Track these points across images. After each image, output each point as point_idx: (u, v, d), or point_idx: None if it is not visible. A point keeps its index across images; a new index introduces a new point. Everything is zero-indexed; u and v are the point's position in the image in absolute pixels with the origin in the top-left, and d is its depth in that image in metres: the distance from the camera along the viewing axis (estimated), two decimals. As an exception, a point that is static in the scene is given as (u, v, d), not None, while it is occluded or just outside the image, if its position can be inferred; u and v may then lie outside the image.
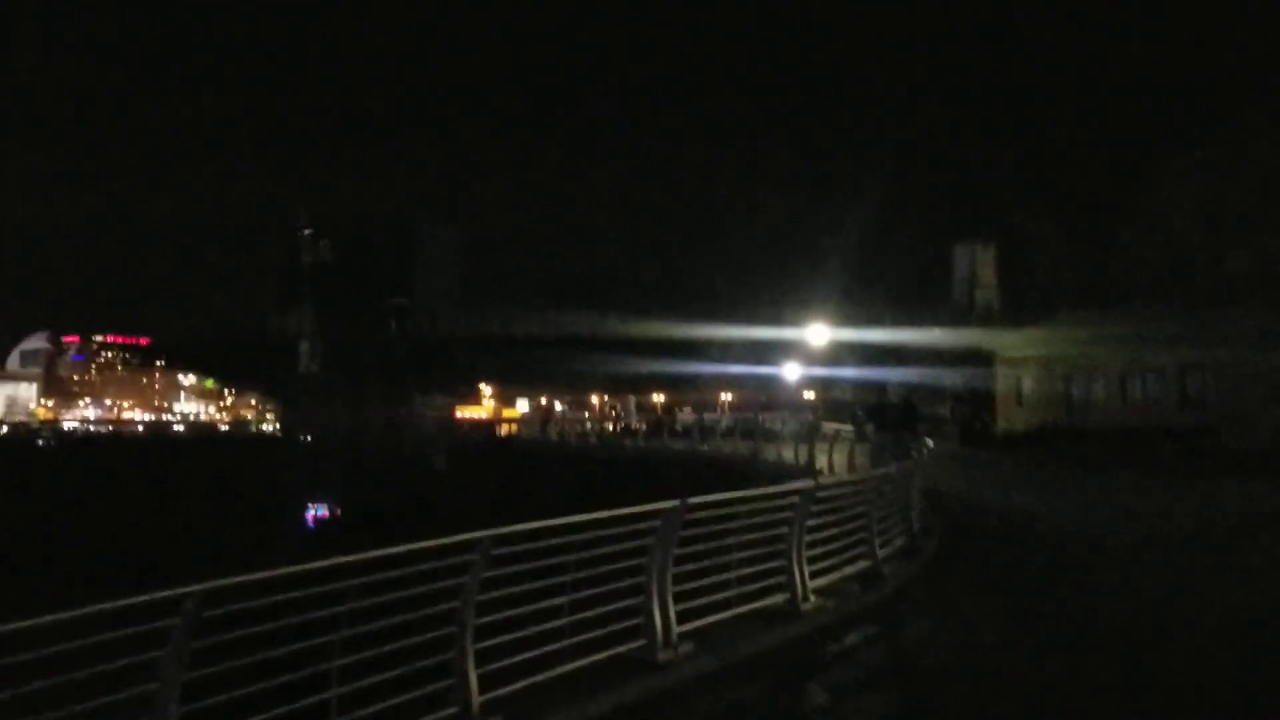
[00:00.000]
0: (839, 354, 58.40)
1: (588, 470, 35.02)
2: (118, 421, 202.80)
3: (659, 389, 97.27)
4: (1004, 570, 12.84)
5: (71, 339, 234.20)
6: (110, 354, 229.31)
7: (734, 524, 8.72)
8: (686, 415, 53.21)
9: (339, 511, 55.76)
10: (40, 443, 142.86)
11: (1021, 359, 46.17)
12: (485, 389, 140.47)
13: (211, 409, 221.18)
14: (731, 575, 8.65)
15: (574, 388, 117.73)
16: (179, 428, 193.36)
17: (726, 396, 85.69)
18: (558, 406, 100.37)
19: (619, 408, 75.53)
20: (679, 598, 7.97)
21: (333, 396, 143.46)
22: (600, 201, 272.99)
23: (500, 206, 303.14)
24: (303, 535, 49.12)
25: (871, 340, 62.06)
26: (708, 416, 46.43)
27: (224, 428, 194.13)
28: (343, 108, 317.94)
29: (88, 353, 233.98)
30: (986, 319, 78.36)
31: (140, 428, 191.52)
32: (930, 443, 18.36)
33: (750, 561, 8.98)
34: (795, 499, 9.44)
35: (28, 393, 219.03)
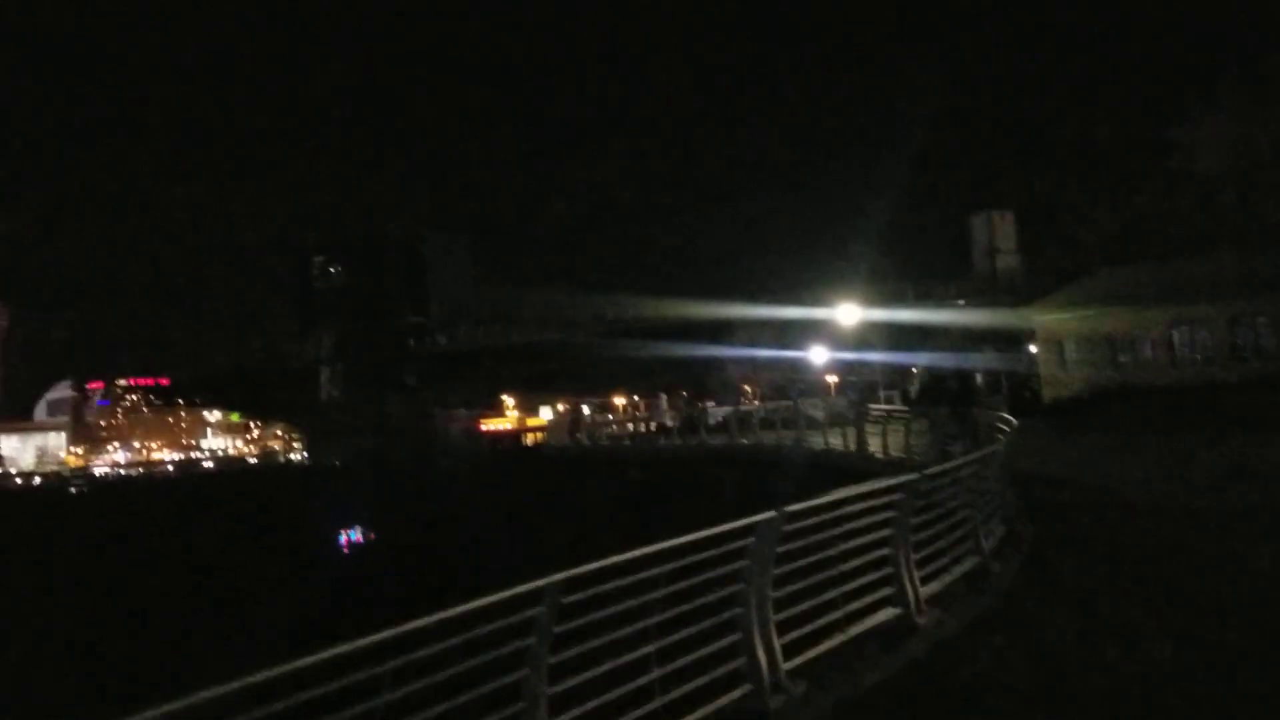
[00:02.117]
0: (865, 335, 56.85)
1: (625, 475, 33.73)
2: (148, 463, 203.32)
3: (682, 380, 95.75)
4: (1117, 553, 11.39)
5: (96, 385, 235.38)
6: (135, 396, 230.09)
7: (835, 531, 7.36)
8: (717, 408, 51.79)
9: (373, 535, 54.98)
10: (73, 490, 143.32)
11: (1060, 322, 44.49)
12: (508, 399, 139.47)
13: (239, 442, 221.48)
14: (836, 592, 7.29)
15: (596, 390, 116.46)
16: (208, 464, 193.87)
17: (748, 388, 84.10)
18: (585, 410, 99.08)
19: (649, 406, 74.13)
20: (781, 627, 6.64)
21: (357, 420, 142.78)
22: (615, 189, 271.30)
23: (512, 206, 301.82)
24: (339, 561, 48.47)
25: (899, 319, 60.42)
26: (743, 408, 44.97)
27: (252, 460, 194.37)
28: (342, 126, 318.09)
29: (112, 397, 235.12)
30: (1011, 286, 76.64)
31: (170, 467, 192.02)
32: (1012, 420, 16.81)
33: (853, 574, 7.62)
34: (898, 495, 8.07)
35: (57, 442, 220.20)
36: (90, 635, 28.20)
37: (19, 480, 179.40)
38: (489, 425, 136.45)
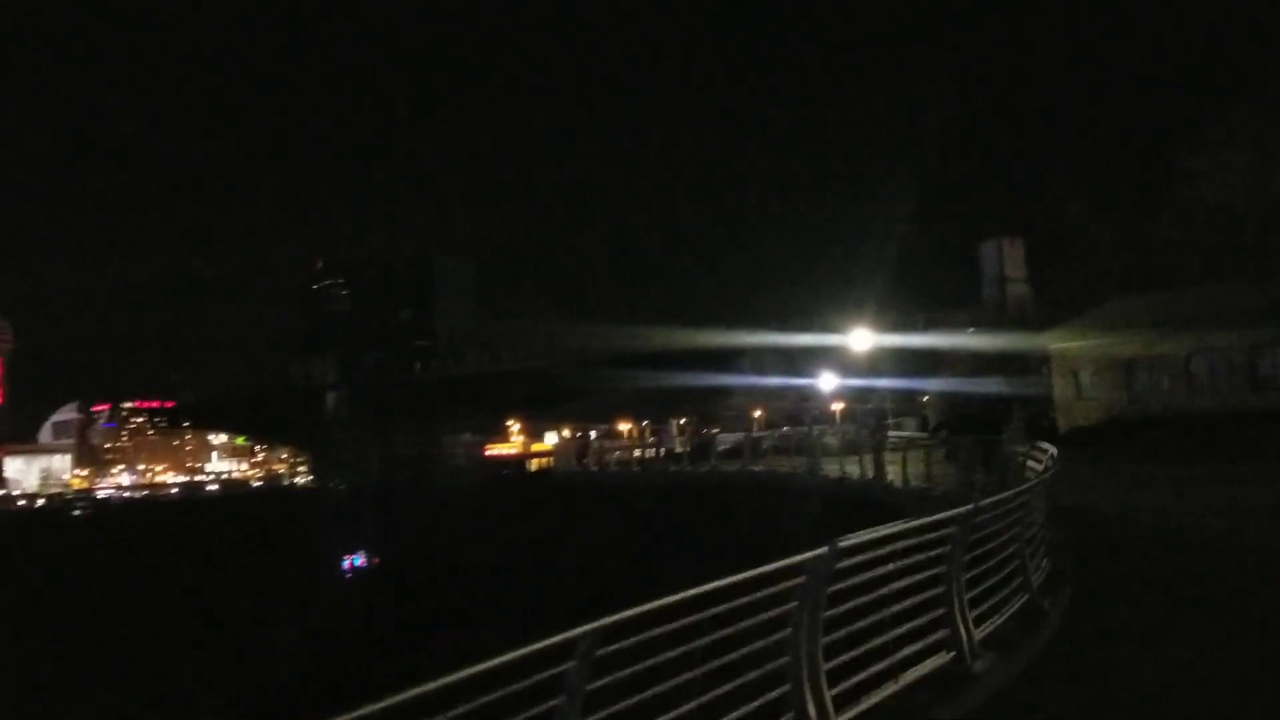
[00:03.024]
0: (874, 362, 56.09)
1: (636, 503, 32.93)
2: (152, 485, 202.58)
3: (689, 407, 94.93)
4: (1174, 591, 10.65)
5: (101, 407, 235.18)
6: (139, 419, 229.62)
7: (886, 568, 6.67)
8: (728, 435, 51.01)
9: (376, 560, 54.25)
10: (76, 512, 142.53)
11: (1076, 350, 43.74)
12: (512, 425, 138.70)
13: (244, 466, 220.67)
14: (888, 636, 6.60)
15: (601, 417, 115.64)
16: (213, 487, 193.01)
17: (758, 413, 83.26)
18: (592, 436, 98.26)
19: (658, 433, 73.38)
20: (830, 676, 5.95)
21: (362, 444, 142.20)
22: (620, 216, 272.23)
23: (516, 232, 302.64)
24: (342, 586, 47.84)
25: (909, 346, 59.70)
26: (756, 434, 44.20)
27: (257, 484, 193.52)
28: (350, 152, 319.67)
29: (117, 419, 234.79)
30: (1022, 314, 75.92)
31: (175, 490, 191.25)
32: (1051, 448, 16.09)
33: (904, 615, 6.93)
34: (952, 528, 7.38)
35: (62, 464, 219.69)
36: (77, 662, 27.51)
37: (22, 502, 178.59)
38: (494, 450, 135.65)
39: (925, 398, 62.88)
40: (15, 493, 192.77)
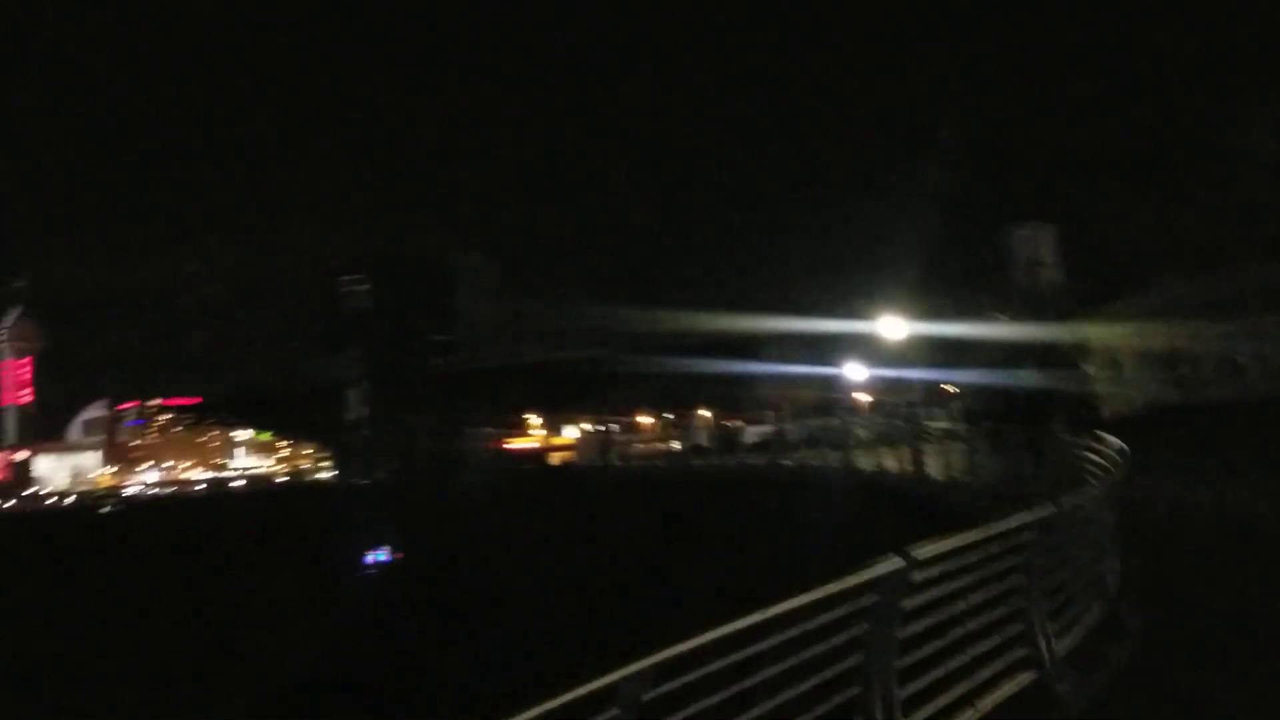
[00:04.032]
0: (904, 350, 54.85)
1: (661, 499, 32.15)
2: (179, 482, 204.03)
3: (710, 397, 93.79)
4: (1264, 596, 9.74)
5: (128, 405, 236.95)
6: (166, 416, 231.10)
7: (963, 581, 5.86)
8: (754, 427, 50.15)
9: (400, 555, 54.01)
10: (105, 510, 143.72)
11: (1115, 336, 42.56)
12: (533, 418, 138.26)
13: (269, 461, 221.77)
14: (966, 656, 5.79)
15: (621, 408, 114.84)
16: (239, 483, 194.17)
17: (781, 403, 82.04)
18: (615, 429, 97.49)
19: (682, 425, 72.58)
20: (905, 705, 5.16)
21: (384, 439, 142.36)
22: (644, 201, 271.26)
23: (538, 220, 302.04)
24: (365, 581, 47.73)
25: (941, 334, 58.37)
26: (785, 427, 43.29)
27: (282, 479, 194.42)
28: (373, 145, 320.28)
29: (144, 417, 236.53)
30: (1054, 301, 74.47)
31: (202, 486, 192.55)
32: (1116, 441, 15.14)
33: (977, 633, 6.11)
34: (1032, 532, 6.55)
35: (92, 461, 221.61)
36: (97, 654, 27.24)
37: (51, 500, 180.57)
38: (513, 444, 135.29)
39: (952, 388, 61.66)
40: (44, 490, 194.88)
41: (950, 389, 62.05)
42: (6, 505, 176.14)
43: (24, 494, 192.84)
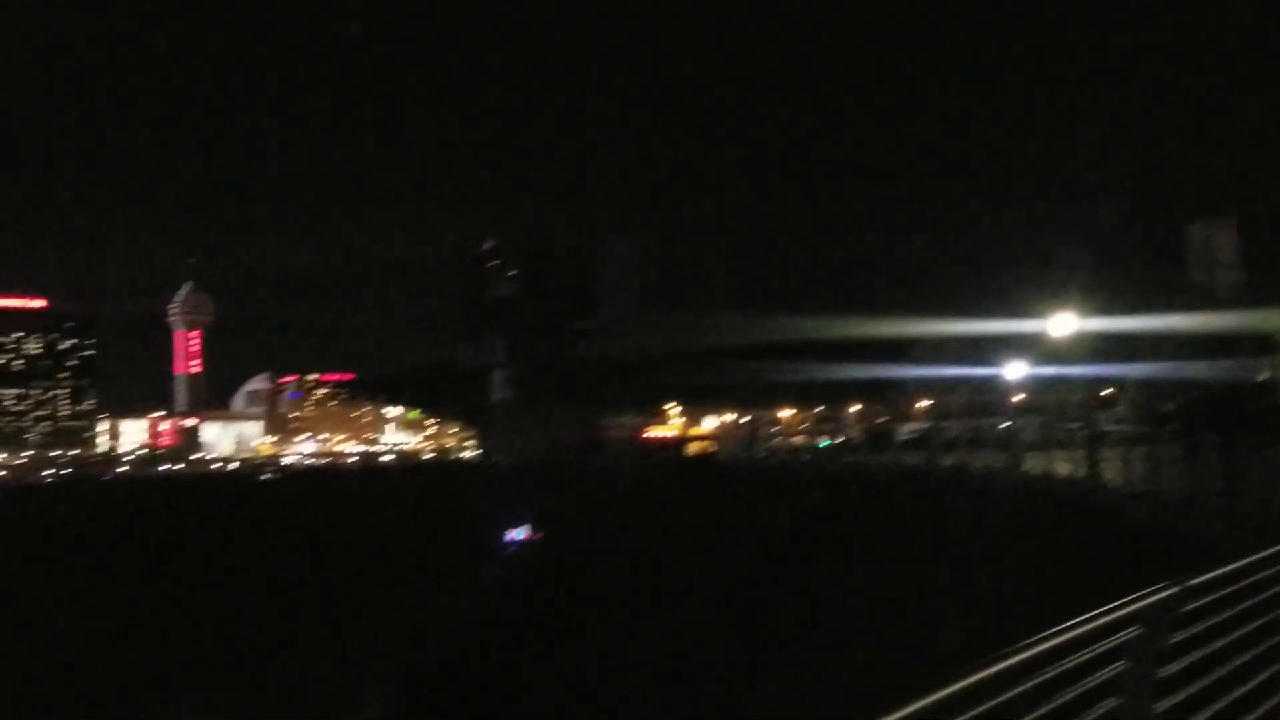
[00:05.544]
0: (1071, 349, 51.61)
1: (807, 496, 31.05)
2: (333, 454, 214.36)
3: (860, 395, 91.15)
4: None
5: (289, 378, 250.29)
6: (323, 391, 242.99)
7: (1231, 612, 4.83)
8: (908, 425, 48.14)
9: (539, 535, 54.55)
10: (264, 477, 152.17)
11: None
12: (672, 407, 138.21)
13: (416, 438, 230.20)
14: (1229, 698, 4.76)
15: (764, 402, 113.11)
16: (387, 458, 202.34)
17: (933, 402, 79.02)
18: (759, 420, 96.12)
19: (833, 419, 70.78)
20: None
21: (526, 422, 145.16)
22: (794, 198, 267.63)
23: (685, 212, 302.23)
24: (504, 558, 48.32)
25: (1114, 330, 54.66)
26: (942, 425, 41.30)
27: (428, 456, 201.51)
28: (519, 132, 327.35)
29: (303, 390, 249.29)
30: (1235, 297, 69.44)
31: (354, 459, 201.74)
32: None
33: (1243, 672, 5.05)
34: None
35: (254, 430, 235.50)
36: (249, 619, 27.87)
37: (216, 465, 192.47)
38: (652, 433, 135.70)
39: (1112, 390, 57.94)
40: (210, 455, 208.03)
41: (1117, 390, 58.22)
42: (176, 468, 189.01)
43: (192, 458, 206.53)
